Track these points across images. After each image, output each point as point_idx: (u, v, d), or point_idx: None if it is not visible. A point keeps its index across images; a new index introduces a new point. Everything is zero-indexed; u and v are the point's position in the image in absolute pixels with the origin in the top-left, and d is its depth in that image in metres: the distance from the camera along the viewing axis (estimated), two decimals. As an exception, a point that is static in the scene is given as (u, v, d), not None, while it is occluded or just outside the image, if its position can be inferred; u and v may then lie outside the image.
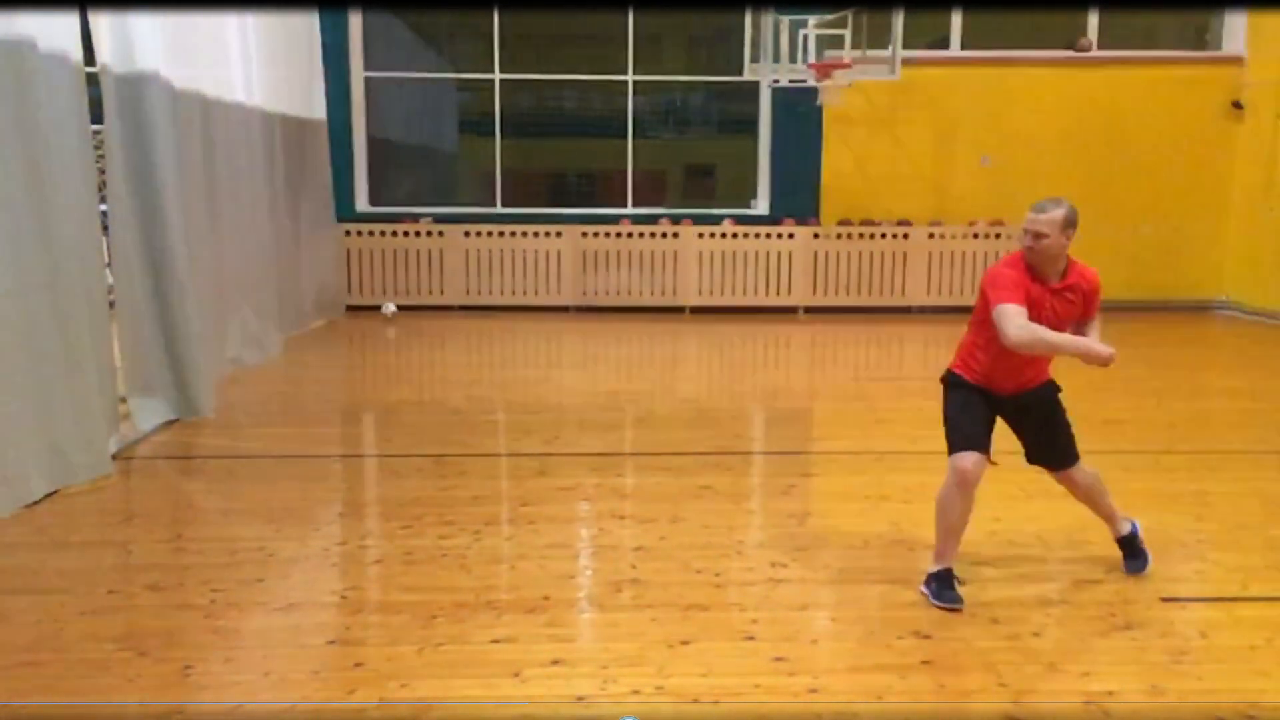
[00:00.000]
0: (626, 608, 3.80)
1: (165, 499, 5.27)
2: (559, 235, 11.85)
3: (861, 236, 11.93)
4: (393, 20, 12.89)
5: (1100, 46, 12.12)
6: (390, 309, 11.49)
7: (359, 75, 11.94)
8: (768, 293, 11.95)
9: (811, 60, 10.88)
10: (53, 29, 5.10)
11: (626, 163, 12.39)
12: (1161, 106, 12.08)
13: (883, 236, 11.94)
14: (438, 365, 9.55)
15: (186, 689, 3.16)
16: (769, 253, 11.88)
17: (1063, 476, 4.08)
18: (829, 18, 10.80)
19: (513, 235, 11.84)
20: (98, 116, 5.91)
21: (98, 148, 5.95)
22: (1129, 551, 4.14)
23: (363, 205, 12.10)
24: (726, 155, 13.80)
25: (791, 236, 11.88)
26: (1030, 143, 12.04)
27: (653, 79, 12.62)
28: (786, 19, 10.84)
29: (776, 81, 11.32)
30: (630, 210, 12.31)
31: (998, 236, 11.84)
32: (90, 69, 5.64)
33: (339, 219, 11.52)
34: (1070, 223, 3.68)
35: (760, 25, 10.94)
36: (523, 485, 5.41)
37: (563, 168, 14.27)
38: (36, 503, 4.81)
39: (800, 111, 11.74)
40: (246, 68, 8.28)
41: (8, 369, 4.71)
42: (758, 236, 11.88)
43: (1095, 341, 3.74)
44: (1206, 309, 12.30)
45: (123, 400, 6.16)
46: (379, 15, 12.30)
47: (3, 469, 4.66)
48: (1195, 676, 3.28)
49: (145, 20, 6.27)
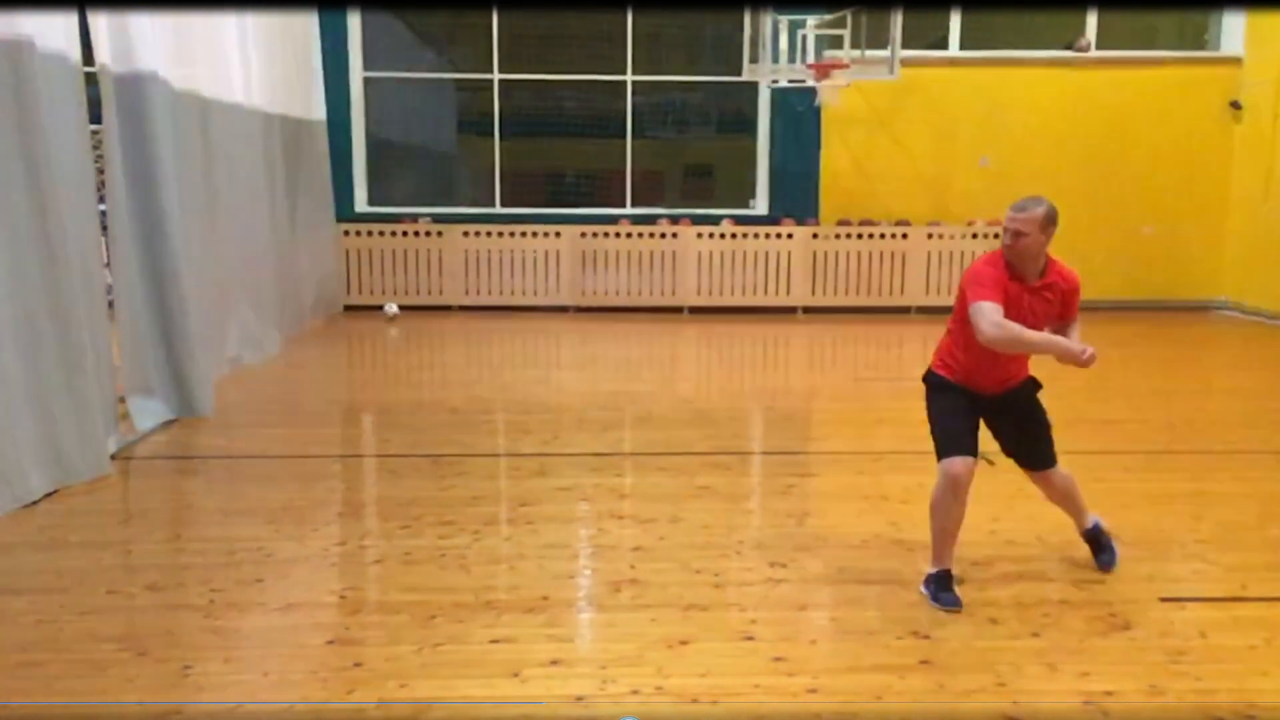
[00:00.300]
0: (625, 608, 3.80)
1: (164, 499, 5.27)
2: (558, 235, 11.85)
3: (860, 236, 11.94)
4: (392, 20, 12.89)
5: (1099, 47, 12.13)
6: (392, 309, 11.49)
7: (358, 75, 11.94)
8: (767, 293, 11.95)
9: (810, 60, 10.89)
10: (51, 29, 5.10)
11: (625, 163, 12.38)
12: (1160, 107, 12.08)
13: (881, 236, 11.94)
14: (436, 365, 9.55)
15: (185, 689, 3.16)
16: (768, 253, 11.88)
17: (1040, 477, 4.07)
18: (828, 18, 10.81)
19: (512, 235, 11.84)
20: (96, 116, 5.90)
21: (96, 148, 5.95)
22: (1097, 546, 4.16)
23: (362, 205, 12.10)
24: (725, 155, 13.79)
25: (790, 236, 11.88)
26: (1029, 143, 12.04)
27: (652, 79, 12.62)
28: (785, 19, 10.85)
29: (775, 82, 11.34)
30: (629, 210, 12.31)
31: (996, 237, 11.72)
32: (89, 69, 5.64)
33: (338, 219, 11.53)
34: (1050, 221, 3.68)
35: (759, 25, 10.95)
36: (522, 485, 5.41)
37: (562, 168, 14.25)
38: (35, 503, 4.81)
39: (799, 112, 11.75)
40: (246, 68, 8.28)
41: (7, 369, 4.71)
42: (757, 236, 11.88)
43: (1069, 341, 3.70)
44: (1206, 309, 12.30)
45: (122, 400, 6.16)
46: (379, 15, 12.29)
47: (2, 469, 4.66)
48: (1194, 676, 3.28)
49: (144, 20, 6.27)
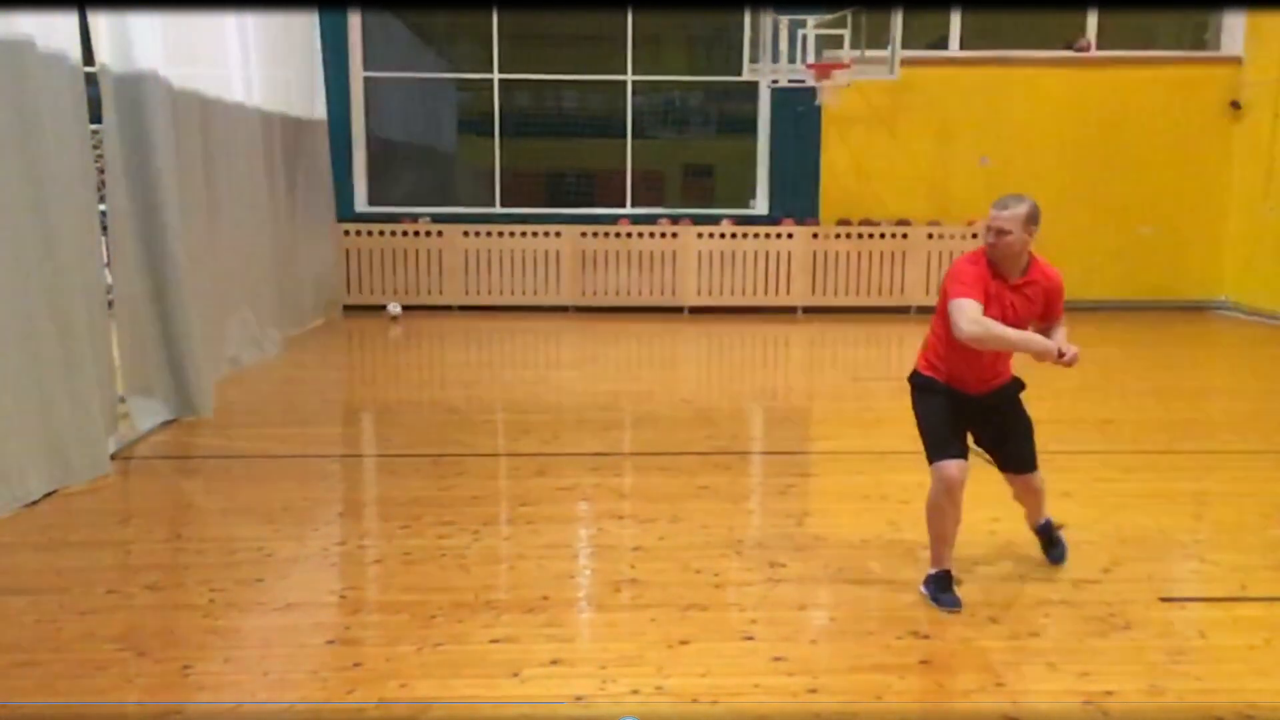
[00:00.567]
0: (625, 607, 3.80)
1: (164, 499, 5.27)
2: (558, 235, 11.84)
3: (860, 236, 11.93)
4: (392, 20, 12.89)
5: (1099, 46, 12.12)
6: (396, 310, 11.48)
7: (358, 75, 11.93)
8: (767, 293, 11.95)
9: (810, 60, 10.87)
10: (51, 28, 5.09)
11: (626, 163, 12.38)
12: (1160, 107, 12.07)
13: (881, 236, 11.94)
14: (436, 365, 9.55)
15: (185, 689, 3.16)
16: (768, 253, 11.88)
17: (1019, 479, 4.04)
18: (828, 18, 10.80)
19: (512, 235, 11.83)
20: (96, 116, 5.90)
21: (96, 147, 5.95)
22: (1049, 541, 4.19)
23: (362, 205, 12.09)
24: (725, 155, 13.79)
25: (790, 236, 11.88)
26: (1029, 143, 12.03)
27: (652, 79, 12.61)
28: (785, 19, 10.84)
29: (775, 82, 11.32)
30: (629, 210, 12.30)
31: (997, 236, 11.81)
32: (89, 68, 5.64)
33: (338, 219, 11.51)
34: (1032, 219, 3.67)
35: (759, 25, 10.95)
36: (522, 485, 5.41)
37: (562, 168, 14.26)
38: (35, 502, 4.81)
39: (799, 112, 11.74)
40: (246, 67, 8.27)
41: (7, 369, 4.71)
42: (757, 236, 11.87)
43: (1047, 339, 3.67)
44: (1206, 309, 12.30)
45: (121, 400, 6.16)
46: (379, 15, 12.29)
47: (2, 469, 4.66)
48: (1194, 676, 3.28)
49: (144, 20, 6.27)
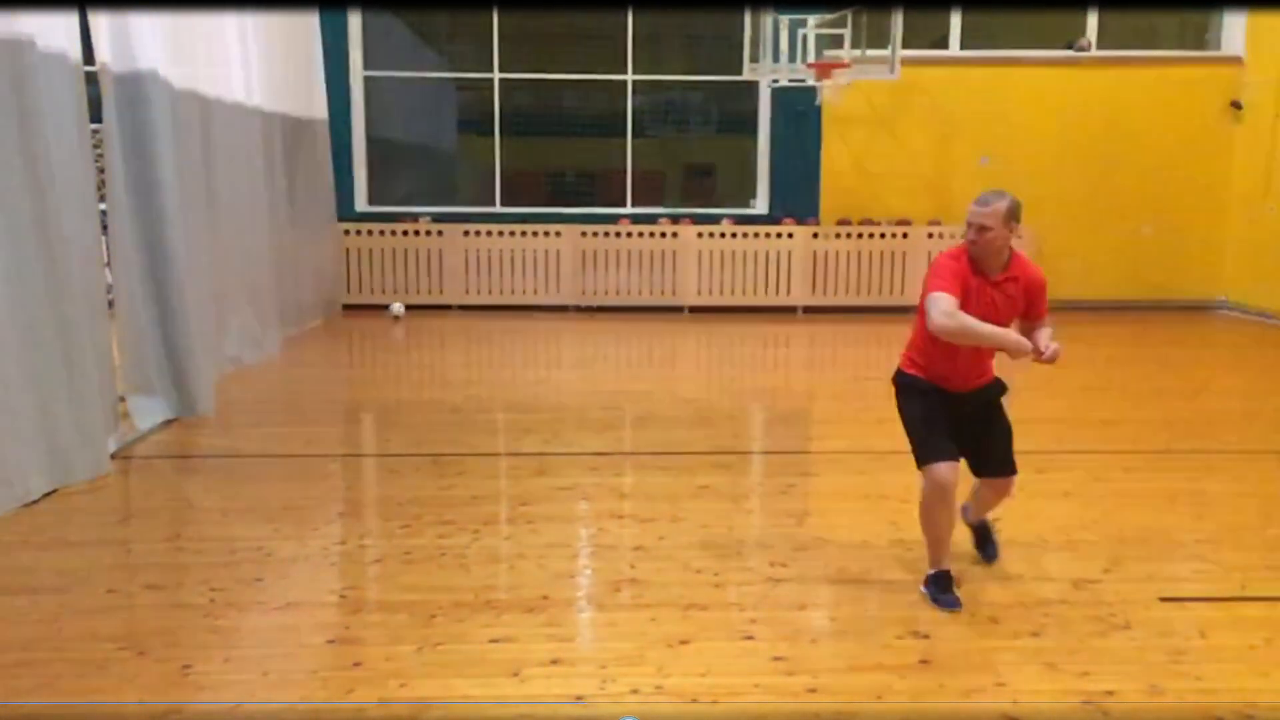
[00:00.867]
0: (626, 607, 3.80)
1: (164, 498, 5.26)
2: (558, 235, 11.84)
3: (861, 236, 11.93)
4: (392, 20, 12.88)
5: (1099, 47, 12.12)
6: (398, 309, 11.48)
7: (359, 75, 11.93)
8: (767, 292, 11.95)
9: (811, 60, 10.87)
10: (51, 28, 5.09)
11: (626, 162, 12.38)
12: (1161, 107, 12.06)
13: (882, 236, 11.94)
14: (437, 364, 9.55)
15: (185, 688, 3.16)
16: (768, 252, 11.88)
17: (997, 483, 4.01)
18: (828, 17, 10.79)
19: (512, 235, 11.83)
20: (96, 116, 5.90)
21: (96, 147, 5.95)
22: (984, 538, 4.21)
23: (362, 205, 12.08)
24: (726, 155, 13.78)
25: (791, 236, 11.88)
26: (1029, 143, 12.02)
27: (652, 79, 12.61)
28: (786, 19, 10.84)
29: (776, 81, 11.33)
30: (630, 210, 12.30)
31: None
32: (89, 68, 5.64)
33: (338, 218, 11.51)
34: (1013, 215, 3.68)
35: (759, 25, 10.95)
36: (522, 485, 5.41)
37: (562, 167, 14.25)
38: (35, 502, 4.81)
39: (799, 111, 11.75)
40: (246, 67, 8.27)
41: (7, 368, 4.71)
42: (757, 236, 11.87)
43: (1020, 336, 3.67)
44: (1206, 309, 12.29)
45: (122, 399, 6.15)
46: (379, 15, 12.29)
47: (2, 468, 4.66)
48: (1194, 676, 3.28)
49: (144, 19, 6.27)
